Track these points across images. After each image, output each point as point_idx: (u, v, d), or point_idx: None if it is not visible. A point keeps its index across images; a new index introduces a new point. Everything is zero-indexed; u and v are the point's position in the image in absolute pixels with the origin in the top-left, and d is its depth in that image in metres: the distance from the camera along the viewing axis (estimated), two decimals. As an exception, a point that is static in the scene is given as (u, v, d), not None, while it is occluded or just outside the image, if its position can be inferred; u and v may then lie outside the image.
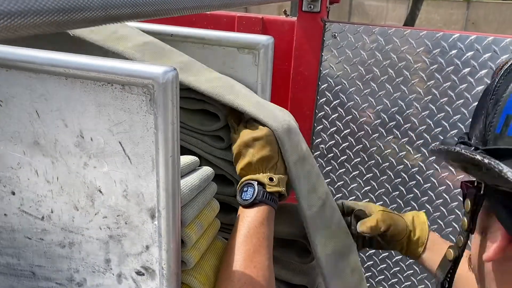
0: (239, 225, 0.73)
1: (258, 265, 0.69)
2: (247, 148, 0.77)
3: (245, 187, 0.76)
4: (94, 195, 0.62)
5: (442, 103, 1.27)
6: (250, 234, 0.71)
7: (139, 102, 0.55)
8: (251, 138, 0.76)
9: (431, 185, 1.35)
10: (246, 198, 0.75)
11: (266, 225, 0.73)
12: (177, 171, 0.59)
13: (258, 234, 0.71)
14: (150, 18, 0.38)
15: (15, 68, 0.59)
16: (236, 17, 1.43)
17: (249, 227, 0.72)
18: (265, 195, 0.74)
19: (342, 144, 1.43)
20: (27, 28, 0.26)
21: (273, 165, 0.77)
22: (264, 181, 0.75)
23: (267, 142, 0.76)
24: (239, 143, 0.77)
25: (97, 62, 0.55)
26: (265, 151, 0.76)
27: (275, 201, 0.76)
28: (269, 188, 0.75)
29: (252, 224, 0.72)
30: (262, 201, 0.74)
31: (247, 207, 0.75)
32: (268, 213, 0.75)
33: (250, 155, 0.77)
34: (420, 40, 1.25)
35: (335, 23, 1.32)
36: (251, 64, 0.95)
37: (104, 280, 0.67)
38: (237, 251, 0.70)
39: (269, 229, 0.74)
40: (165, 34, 0.97)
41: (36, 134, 0.62)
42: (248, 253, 0.69)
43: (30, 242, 0.69)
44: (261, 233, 0.72)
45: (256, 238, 0.71)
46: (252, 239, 0.71)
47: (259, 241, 0.71)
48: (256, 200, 0.74)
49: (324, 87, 1.39)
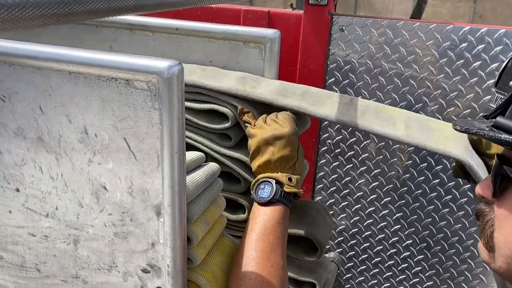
0: (255, 222, 0.72)
1: (275, 264, 0.68)
2: (267, 146, 0.75)
3: (262, 184, 0.75)
4: (98, 192, 0.62)
5: (452, 97, 1.25)
6: (267, 233, 0.70)
7: (144, 97, 0.54)
8: (272, 135, 0.74)
9: (440, 180, 1.33)
10: (263, 196, 0.73)
11: (282, 224, 0.72)
12: (182, 167, 0.58)
13: (274, 233, 0.70)
14: (153, 10, 0.37)
15: (19, 63, 0.58)
16: (242, 10, 1.42)
17: (265, 225, 0.71)
18: (283, 195, 0.73)
19: (350, 139, 1.41)
20: (25, 21, 0.25)
21: (291, 165, 0.76)
22: (283, 180, 0.74)
23: (288, 142, 0.75)
24: (259, 139, 0.75)
25: (101, 56, 0.54)
26: (286, 151, 0.74)
27: (291, 201, 0.75)
28: (287, 188, 0.74)
29: (269, 223, 0.71)
30: (279, 200, 0.73)
31: (264, 205, 0.73)
32: (284, 213, 0.74)
33: (270, 153, 0.75)
34: (430, 33, 1.22)
35: (343, 16, 1.30)
36: (258, 58, 0.93)
37: (110, 277, 0.66)
38: (253, 249, 0.69)
39: (284, 229, 0.73)
40: (171, 28, 0.96)
41: (40, 130, 0.61)
42: (265, 251, 0.68)
43: (34, 239, 0.69)
44: (278, 232, 0.71)
45: (273, 237, 0.70)
46: (269, 237, 0.70)
47: (275, 240, 0.70)
48: (273, 199, 0.73)
49: (331, 81, 1.38)
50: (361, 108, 0.82)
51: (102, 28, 1.01)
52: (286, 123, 0.77)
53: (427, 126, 0.81)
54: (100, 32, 1.02)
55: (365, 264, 1.51)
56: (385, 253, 1.48)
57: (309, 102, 0.82)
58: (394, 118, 0.81)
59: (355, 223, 1.48)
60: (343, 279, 1.56)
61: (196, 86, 0.85)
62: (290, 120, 0.79)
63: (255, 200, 0.75)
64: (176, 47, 0.97)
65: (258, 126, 0.78)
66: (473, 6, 4.13)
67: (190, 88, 0.86)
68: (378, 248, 1.48)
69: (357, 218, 1.47)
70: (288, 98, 0.82)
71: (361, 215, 1.46)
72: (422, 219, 1.39)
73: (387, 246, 1.46)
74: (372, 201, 1.44)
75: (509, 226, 0.58)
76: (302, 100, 0.81)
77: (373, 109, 0.82)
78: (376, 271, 1.50)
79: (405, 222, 1.42)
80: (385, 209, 1.43)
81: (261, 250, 0.68)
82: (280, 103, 0.82)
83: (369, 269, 1.51)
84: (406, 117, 0.82)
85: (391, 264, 1.48)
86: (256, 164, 0.77)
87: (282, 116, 0.79)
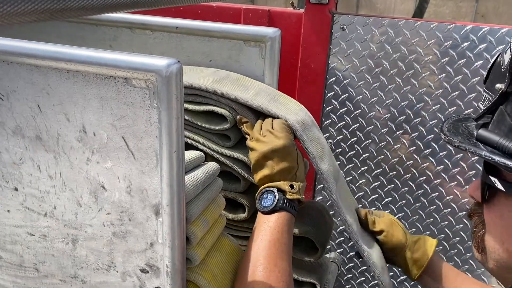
0: (260, 230, 0.73)
1: (282, 270, 0.68)
2: (266, 160, 0.76)
3: (264, 194, 0.76)
4: (97, 191, 0.61)
5: (453, 96, 1.24)
6: (273, 240, 0.71)
7: (142, 96, 0.54)
8: (269, 150, 0.75)
9: (441, 181, 1.33)
10: (266, 205, 0.75)
11: (287, 231, 0.73)
12: (181, 166, 0.58)
13: (280, 240, 0.71)
14: (150, 7, 0.36)
15: (16, 61, 0.58)
16: (242, 9, 1.41)
17: (271, 233, 0.72)
18: (286, 202, 0.74)
19: (351, 139, 1.41)
20: (17, 16, 0.24)
21: (292, 175, 0.77)
22: (285, 188, 0.75)
23: (286, 153, 0.76)
24: (258, 154, 0.76)
25: (99, 55, 0.54)
26: (285, 163, 0.75)
27: (295, 208, 0.76)
28: (290, 195, 0.75)
29: (275, 230, 0.72)
30: (283, 208, 0.74)
31: (268, 213, 0.74)
32: (289, 220, 0.74)
33: (270, 167, 0.76)
34: (431, 32, 1.22)
35: (344, 15, 1.29)
36: (258, 57, 0.93)
37: (108, 277, 0.66)
38: (261, 255, 0.69)
39: (290, 235, 0.74)
40: (171, 27, 0.96)
41: (38, 128, 0.61)
42: (272, 257, 0.69)
43: (33, 239, 0.68)
44: (284, 239, 0.72)
45: (279, 244, 0.71)
46: (275, 244, 0.70)
47: (281, 247, 0.71)
48: (276, 207, 0.73)
49: (332, 80, 1.37)
50: (219, 75, 0.88)
51: (102, 27, 1.01)
52: (282, 133, 0.77)
53: (277, 98, 0.88)
54: (100, 31, 1.02)
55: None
56: (386, 253, 1.47)
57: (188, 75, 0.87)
58: (248, 86, 0.87)
59: (356, 223, 1.47)
60: (343, 279, 1.55)
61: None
62: (285, 130, 0.79)
63: (259, 210, 0.76)
64: (176, 46, 0.97)
65: (255, 139, 0.78)
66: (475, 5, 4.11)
67: (186, 89, 0.86)
68: (379, 248, 1.47)
69: (358, 218, 1.46)
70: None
71: (362, 215, 1.45)
72: (424, 219, 1.39)
73: (388, 246, 1.45)
74: (373, 201, 1.44)
75: (498, 232, 0.59)
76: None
77: (233, 79, 0.88)
78: (377, 271, 1.50)
79: (406, 222, 1.41)
80: (386, 209, 1.42)
81: (268, 256, 0.69)
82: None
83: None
84: (259, 88, 0.88)
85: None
86: (257, 177, 0.78)
87: (277, 125, 0.79)
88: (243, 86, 0.86)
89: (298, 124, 0.83)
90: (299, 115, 0.86)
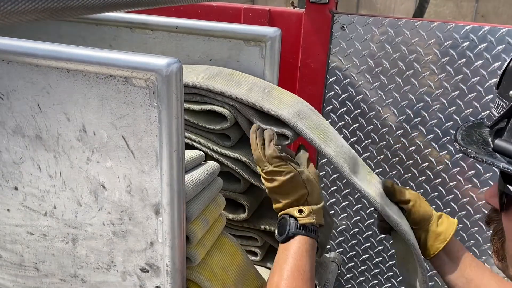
0: (280, 258, 0.74)
1: None
2: (275, 195, 0.78)
3: (280, 222, 0.78)
4: (97, 190, 0.61)
5: (453, 96, 1.24)
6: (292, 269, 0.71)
7: (142, 95, 0.54)
8: (275, 187, 0.76)
9: (442, 180, 1.32)
10: (281, 232, 0.76)
11: (306, 256, 0.73)
12: (181, 166, 0.58)
13: (300, 267, 0.72)
14: (150, 6, 0.36)
15: (17, 60, 0.58)
16: (243, 9, 1.41)
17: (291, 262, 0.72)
18: (299, 227, 0.75)
19: (351, 138, 1.40)
20: (18, 14, 0.24)
21: (303, 202, 0.77)
22: (294, 214, 0.76)
23: (290, 187, 0.76)
24: (268, 190, 0.79)
25: (99, 54, 0.54)
26: (291, 196, 0.76)
27: (313, 231, 0.76)
28: (301, 220, 0.75)
29: (293, 256, 0.73)
30: (297, 233, 0.74)
31: (284, 241, 0.75)
32: (307, 244, 0.74)
33: (279, 202, 0.78)
34: (431, 31, 1.22)
35: (344, 15, 1.29)
36: (258, 56, 0.93)
37: (108, 276, 0.66)
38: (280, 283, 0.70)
39: (310, 259, 0.74)
40: (171, 26, 0.96)
41: (38, 128, 0.61)
42: (291, 281, 0.70)
43: (33, 238, 0.68)
44: (303, 265, 0.72)
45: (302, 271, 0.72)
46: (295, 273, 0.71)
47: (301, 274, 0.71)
48: (290, 233, 0.74)
49: (332, 80, 1.37)
50: (212, 72, 0.88)
51: (102, 26, 1.01)
52: (282, 167, 0.76)
53: (270, 92, 0.87)
54: (100, 30, 1.02)
55: (366, 264, 1.51)
56: (386, 253, 1.47)
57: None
58: (241, 81, 0.87)
59: (356, 223, 1.47)
60: (343, 279, 1.55)
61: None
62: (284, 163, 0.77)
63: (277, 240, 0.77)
64: (176, 46, 0.97)
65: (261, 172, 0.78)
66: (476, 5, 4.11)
67: (186, 89, 0.85)
68: (379, 248, 1.48)
69: (358, 217, 1.46)
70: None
71: (362, 214, 1.45)
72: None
73: (388, 246, 1.45)
74: (373, 200, 1.44)
75: None
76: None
77: (226, 74, 0.88)
78: (377, 271, 1.50)
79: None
80: (386, 208, 1.42)
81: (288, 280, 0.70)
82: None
83: (370, 269, 1.51)
84: (252, 82, 0.88)
85: (392, 264, 1.47)
86: (274, 207, 0.80)
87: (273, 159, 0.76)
88: (236, 81, 0.86)
89: (293, 116, 0.82)
90: (293, 107, 0.85)
